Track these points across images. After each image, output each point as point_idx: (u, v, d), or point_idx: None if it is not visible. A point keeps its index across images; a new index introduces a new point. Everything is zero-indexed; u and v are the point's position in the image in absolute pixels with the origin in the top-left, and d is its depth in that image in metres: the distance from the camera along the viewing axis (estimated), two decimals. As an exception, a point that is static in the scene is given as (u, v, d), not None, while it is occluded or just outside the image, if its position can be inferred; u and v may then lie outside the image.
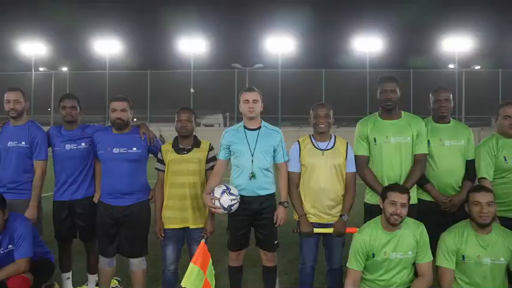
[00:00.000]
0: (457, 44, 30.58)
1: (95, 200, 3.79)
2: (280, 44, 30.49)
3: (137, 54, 38.04)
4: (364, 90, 30.07)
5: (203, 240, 3.34)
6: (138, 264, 3.67)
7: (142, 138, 3.71)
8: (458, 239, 3.04)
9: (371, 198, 3.45)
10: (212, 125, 36.46)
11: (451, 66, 32.18)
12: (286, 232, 3.64)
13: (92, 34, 34.25)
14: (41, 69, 34.48)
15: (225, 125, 34.93)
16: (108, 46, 32.27)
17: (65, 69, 35.44)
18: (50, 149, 3.90)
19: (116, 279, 4.11)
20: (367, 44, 30.77)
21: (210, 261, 3.31)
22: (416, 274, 3.12)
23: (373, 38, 31.10)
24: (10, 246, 3.19)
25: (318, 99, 30.14)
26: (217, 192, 3.25)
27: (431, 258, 3.08)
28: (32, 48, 32.46)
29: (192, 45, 30.97)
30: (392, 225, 3.00)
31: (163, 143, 4.14)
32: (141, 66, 34.98)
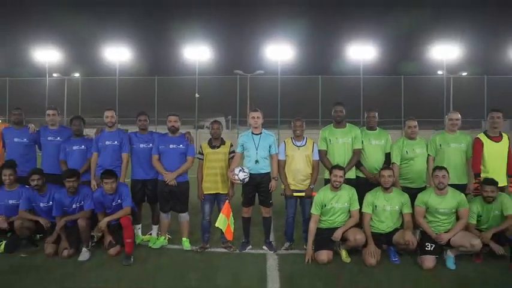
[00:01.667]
0: (445, 52, 30.73)
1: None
2: (279, 52, 30.91)
3: (145, 61, 39.42)
4: (358, 95, 31.22)
5: (227, 201, 5.66)
6: (184, 217, 5.96)
7: (186, 139, 6.00)
8: (373, 196, 5.35)
9: (327, 175, 5.71)
10: (215, 128, 38.25)
11: (439, 72, 32.28)
12: (279, 209, 5.85)
13: (102, 42, 34.79)
14: (55, 75, 34.50)
15: (227, 128, 36.19)
16: (117, 53, 32.38)
17: (77, 75, 35.73)
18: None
19: (167, 234, 6.35)
20: (361, 52, 30.93)
21: (232, 213, 5.61)
22: (350, 216, 5.42)
23: (367, 46, 31.19)
24: (119, 200, 5.48)
25: (315, 103, 31.58)
26: (236, 171, 5.53)
27: (358, 207, 5.38)
28: (47, 55, 32.91)
29: (197, 52, 31.47)
30: (335, 188, 5.30)
31: None
32: (149, 72, 36.06)
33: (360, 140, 5.80)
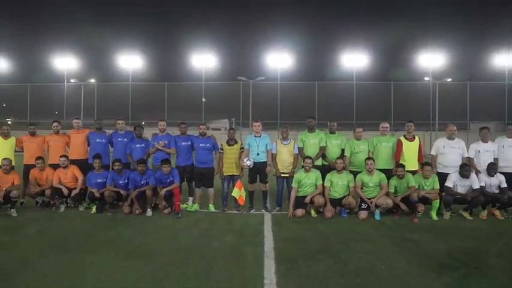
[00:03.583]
0: (431, 60, 32.73)
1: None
2: (279, 60, 32.89)
3: (156, 68, 41.48)
4: (351, 99, 33.73)
5: (239, 179, 8.82)
6: (211, 190, 9.14)
7: (212, 139, 9.15)
8: (331, 175, 8.52)
9: (302, 163, 8.82)
10: (220, 129, 41.47)
11: (426, 78, 33.80)
12: (272, 188, 9.04)
13: (116, 50, 36.03)
14: (72, 80, 36.12)
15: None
16: (131, 61, 34.31)
17: (93, 80, 37.66)
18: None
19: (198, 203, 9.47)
20: (354, 60, 32.88)
21: (243, 187, 8.75)
22: (316, 188, 8.55)
23: (359, 55, 33.18)
24: (172, 178, 8.63)
25: (312, 107, 34.21)
26: (245, 160, 8.68)
27: (321, 182, 8.52)
28: (65, 62, 34.89)
29: (204, 60, 33.34)
30: (306, 170, 8.45)
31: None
32: (160, 78, 37.79)
33: (324, 141, 8.98)
